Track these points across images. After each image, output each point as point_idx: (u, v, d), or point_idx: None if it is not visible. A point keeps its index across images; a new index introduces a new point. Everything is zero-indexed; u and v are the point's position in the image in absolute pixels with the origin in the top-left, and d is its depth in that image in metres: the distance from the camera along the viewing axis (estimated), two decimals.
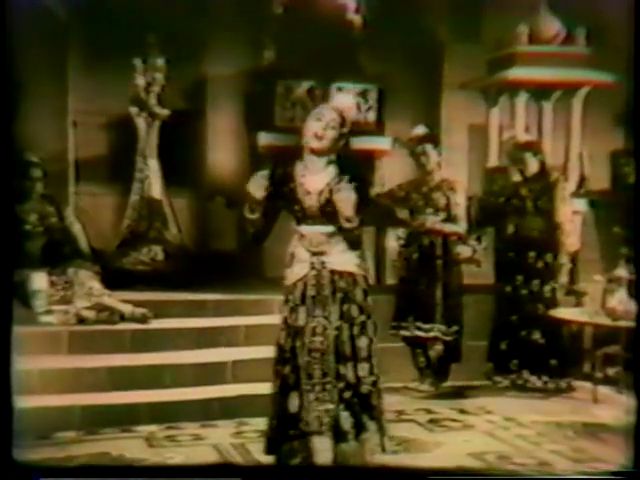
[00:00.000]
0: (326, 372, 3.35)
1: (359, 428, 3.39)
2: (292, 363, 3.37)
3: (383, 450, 3.45)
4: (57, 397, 4.18)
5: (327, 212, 3.36)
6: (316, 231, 3.38)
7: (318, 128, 3.39)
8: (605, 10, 5.33)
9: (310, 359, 3.35)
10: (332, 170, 3.41)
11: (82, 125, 5.86)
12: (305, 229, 3.41)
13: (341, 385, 3.35)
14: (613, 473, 3.47)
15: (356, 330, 3.38)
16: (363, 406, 3.38)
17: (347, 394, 3.37)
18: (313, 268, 3.38)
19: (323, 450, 3.35)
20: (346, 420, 3.36)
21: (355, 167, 3.45)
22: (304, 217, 3.41)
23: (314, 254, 3.38)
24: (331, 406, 3.34)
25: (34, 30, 4.67)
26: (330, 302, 3.36)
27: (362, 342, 3.39)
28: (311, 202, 3.39)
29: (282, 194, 3.42)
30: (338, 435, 3.36)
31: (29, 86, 4.82)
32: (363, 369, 3.39)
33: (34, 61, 4.96)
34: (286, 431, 3.39)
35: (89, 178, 5.88)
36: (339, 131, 3.40)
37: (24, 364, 3.64)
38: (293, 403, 3.37)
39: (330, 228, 3.38)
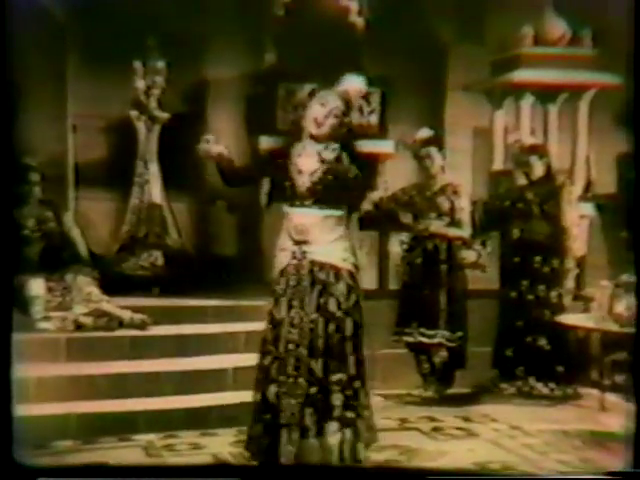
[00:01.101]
0: (298, 365, 3.30)
1: (323, 427, 3.32)
2: (273, 354, 3.34)
3: (355, 455, 3.36)
4: (54, 405, 4.13)
5: (317, 193, 3.31)
6: (304, 214, 3.33)
7: (319, 114, 3.36)
8: (612, 11, 5.25)
9: (286, 350, 3.31)
10: (329, 154, 3.37)
11: (81, 129, 5.82)
12: (293, 211, 3.36)
13: (311, 379, 3.31)
14: (611, 473, 3.46)
15: (332, 326, 3.32)
16: (329, 405, 3.31)
17: (313, 389, 3.31)
18: (294, 257, 3.34)
19: (287, 444, 3.31)
20: (309, 416, 3.30)
21: (355, 152, 3.41)
22: (293, 196, 3.36)
23: (297, 243, 3.33)
24: (299, 400, 3.29)
25: (32, 32, 4.62)
26: (308, 293, 3.31)
27: (335, 339, 3.33)
28: (302, 181, 3.34)
29: (274, 166, 3.39)
30: (302, 431, 3.30)
31: (27, 89, 4.77)
32: (334, 366, 3.33)
33: (32, 64, 4.92)
34: (263, 423, 3.36)
35: (88, 182, 5.83)
36: (341, 119, 3.37)
37: (21, 371, 3.60)
38: (270, 395, 3.34)
39: (318, 212, 3.33)
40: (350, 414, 3.35)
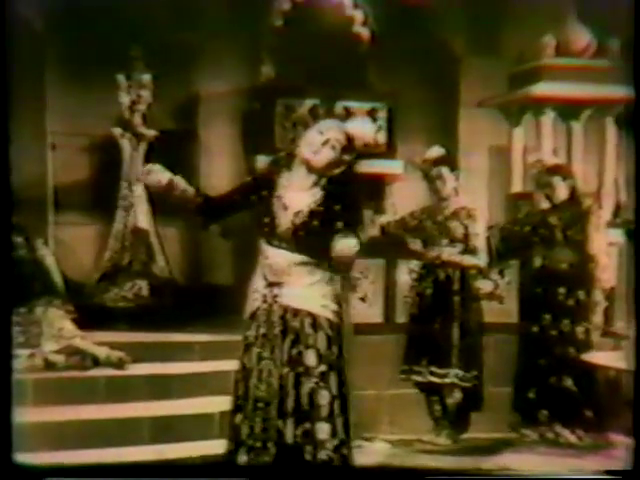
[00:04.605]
0: (266, 427, 3.00)
1: None
2: (243, 412, 3.05)
3: None
4: (18, 456, 3.71)
5: (299, 237, 3.03)
6: (282, 256, 3.05)
7: (315, 141, 3.07)
8: None
9: (254, 409, 3.02)
10: (318, 192, 3.08)
11: (61, 148, 5.71)
12: (271, 250, 3.08)
13: (281, 444, 3.00)
14: (612, 473, 3.38)
15: (311, 383, 3.01)
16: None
17: (284, 456, 3.00)
18: (264, 301, 3.07)
19: None
20: None
21: (349, 193, 3.11)
22: (271, 234, 3.08)
23: (269, 284, 3.06)
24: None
25: (8, 43, 4.37)
26: (279, 343, 3.03)
27: (322, 398, 3.01)
28: (285, 220, 3.06)
29: (256, 197, 3.12)
30: None
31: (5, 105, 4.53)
32: (322, 431, 2.99)
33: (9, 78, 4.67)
34: None
35: (69, 206, 5.70)
36: (339, 155, 3.08)
37: None
38: (241, 462, 3.05)
39: (298, 257, 3.04)
40: None
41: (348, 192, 3.10)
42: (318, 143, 3.04)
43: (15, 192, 4.73)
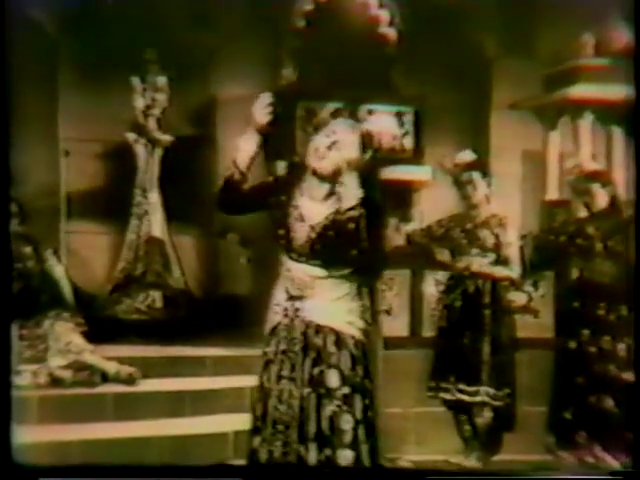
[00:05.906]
0: (286, 452, 2.86)
1: None
2: (262, 435, 2.91)
3: None
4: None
5: (317, 251, 2.87)
6: (303, 270, 2.91)
7: (322, 145, 2.90)
8: None
9: (273, 431, 2.88)
10: (333, 203, 2.92)
11: (74, 154, 5.63)
12: (291, 264, 2.94)
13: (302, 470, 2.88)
14: (612, 473, 3.40)
15: (333, 406, 2.84)
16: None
17: None
18: (286, 315, 2.92)
19: None
20: None
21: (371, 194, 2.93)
22: (289, 248, 2.93)
23: (291, 298, 2.92)
24: None
25: (21, 47, 4.35)
26: (299, 361, 2.88)
27: (345, 423, 2.85)
28: (301, 233, 2.91)
29: (275, 200, 2.97)
30: None
31: (14, 111, 4.48)
32: (345, 458, 2.83)
33: (20, 82, 4.63)
34: None
35: (82, 214, 5.65)
36: (350, 156, 2.91)
37: None
38: None
39: (318, 271, 2.89)
40: None
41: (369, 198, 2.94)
42: (324, 147, 2.90)
43: (26, 200, 4.70)
